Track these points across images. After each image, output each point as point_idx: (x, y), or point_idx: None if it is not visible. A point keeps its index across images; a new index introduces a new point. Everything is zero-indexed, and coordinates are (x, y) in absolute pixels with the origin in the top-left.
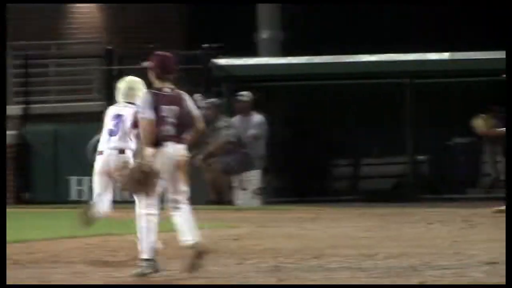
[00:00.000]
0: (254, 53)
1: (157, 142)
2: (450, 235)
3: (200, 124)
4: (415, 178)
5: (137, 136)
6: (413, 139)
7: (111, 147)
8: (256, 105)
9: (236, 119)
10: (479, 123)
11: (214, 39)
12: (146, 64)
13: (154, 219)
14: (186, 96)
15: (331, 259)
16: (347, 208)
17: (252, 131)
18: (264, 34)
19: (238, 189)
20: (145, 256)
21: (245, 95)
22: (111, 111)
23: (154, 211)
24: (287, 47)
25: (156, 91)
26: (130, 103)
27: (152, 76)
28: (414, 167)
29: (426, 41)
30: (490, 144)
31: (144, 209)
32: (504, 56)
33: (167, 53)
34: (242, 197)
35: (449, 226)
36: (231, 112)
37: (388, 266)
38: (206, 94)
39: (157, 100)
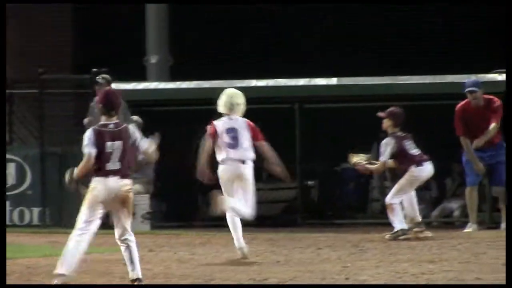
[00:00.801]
0: (143, 78)
1: (101, 175)
2: (340, 261)
3: (151, 153)
4: (304, 203)
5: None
6: (302, 164)
7: (234, 159)
8: (145, 130)
9: None
10: (353, 159)
11: (103, 63)
12: (94, 100)
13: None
14: (131, 130)
15: (222, 284)
16: None
17: (142, 156)
18: (152, 59)
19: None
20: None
21: (135, 119)
22: (221, 126)
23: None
24: (176, 71)
25: (100, 128)
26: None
27: (99, 112)
28: (303, 192)
29: (314, 66)
30: None
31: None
32: (394, 82)
33: (113, 90)
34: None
35: (339, 251)
36: None
37: None
38: None
39: (101, 137)
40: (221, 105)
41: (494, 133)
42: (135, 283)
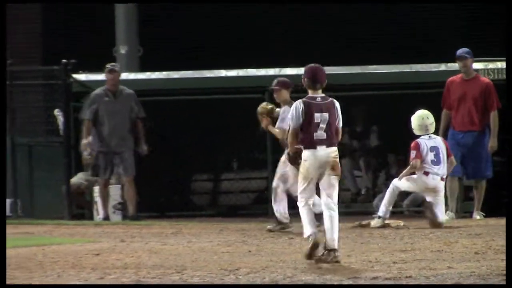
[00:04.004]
0: None
1: (310, 145)
2: None
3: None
4: None
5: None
6: (273, 154)
7: (437, 173)
8: None
9: None
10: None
11: (73, 54)
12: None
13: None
14: (336, 104)
15: (193, 274)
16: (208, 223)
17: None
18: (122, 50)
19: (99, 204)
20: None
21: None
22: (423, 144)
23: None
24: (146, 62)
25: (308, 100)
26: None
27: (304, 85)
28: None
29: (285, 55)
30: (349, 159)
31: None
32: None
33: (318, 65)
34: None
35: None
36: None
37: (250, 280)
38: (66, 110)
39: (309, 108)
40: (416, 126)
41: (497, 122)
42: (330, 252)
